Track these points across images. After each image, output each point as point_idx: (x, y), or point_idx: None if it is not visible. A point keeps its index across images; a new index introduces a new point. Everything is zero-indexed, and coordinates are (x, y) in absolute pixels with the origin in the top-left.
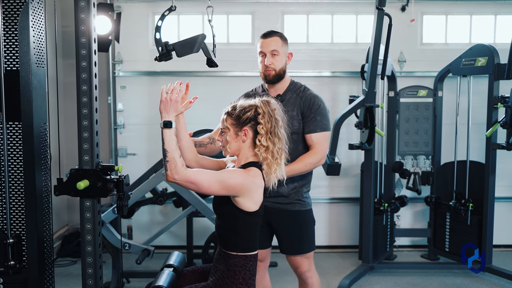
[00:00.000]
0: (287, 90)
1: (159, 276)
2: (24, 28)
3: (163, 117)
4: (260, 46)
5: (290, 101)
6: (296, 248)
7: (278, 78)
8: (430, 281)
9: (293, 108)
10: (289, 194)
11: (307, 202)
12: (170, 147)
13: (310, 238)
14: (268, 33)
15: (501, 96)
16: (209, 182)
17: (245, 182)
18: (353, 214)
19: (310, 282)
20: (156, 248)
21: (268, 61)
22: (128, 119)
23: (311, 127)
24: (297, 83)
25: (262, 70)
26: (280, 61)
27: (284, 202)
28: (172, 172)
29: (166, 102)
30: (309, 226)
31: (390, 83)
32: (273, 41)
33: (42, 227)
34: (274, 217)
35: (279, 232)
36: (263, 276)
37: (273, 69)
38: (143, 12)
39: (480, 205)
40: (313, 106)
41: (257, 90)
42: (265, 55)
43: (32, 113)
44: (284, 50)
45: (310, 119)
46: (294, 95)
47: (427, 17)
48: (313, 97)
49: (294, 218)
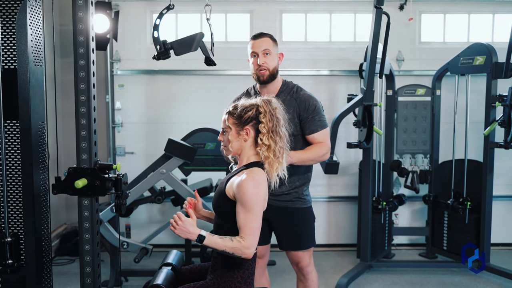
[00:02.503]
0: (280, 92)
1: (157, 274)
2: (22, 26)
3: (191, 238)
4: (251, 47)
5: (285, 103)
6: (296, 244)
7: (272, 77)
8: (428, 279)
9: (288, 110)
10: (289, 192)
11: (307, 199)
12: (221, 246)
13: (311, 234)
14: (258, 34)
15: (499, 95)
16: (258, 224)
17: (261, 194)
18: (351, 212)
19: (309, 278)
20: (154, 246)
21: (261, 61)
22: (126, 118)
23: (312, 128)
24: (289, 83)
25: (255, 70)
26: (273, 60)
27: (284, 199)
28: (245, 254)
29: (180, 228)
30: (310, 222)
31: (388, 82)
32: (264, 41)
33: (40, 225)
34: (273, 214)
35: (278, 229)
36: (262, 274)
37: (266, 68)
38: (141, 11)
39: (478, 203)
40: (309, 107)
41: (250, 92)
42: (257, 56)
43: (30, 111)
44: (275, 50)
45: (309, 120)
46: (288, 96)
47: (425, 16)
48: (307, 98)
49: (295, 216)
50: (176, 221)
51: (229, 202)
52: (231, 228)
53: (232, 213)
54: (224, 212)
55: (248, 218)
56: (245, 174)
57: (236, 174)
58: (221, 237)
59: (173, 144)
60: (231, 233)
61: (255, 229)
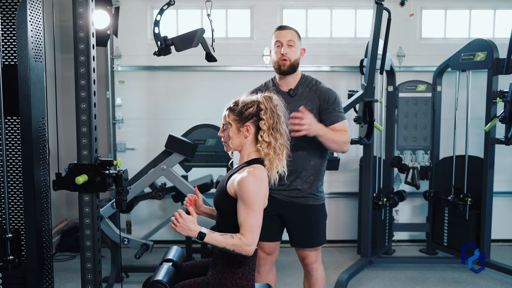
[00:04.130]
0: (298, 84)
1: (158, 270)
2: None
3: (192, 236)
4: (276, 36)
5: (303, 95)
6: (306, 242)
7: (292, 69)
8: (428, 275)
9: (307, 103)
10: (303, 187)
11: (321, 196)
12: (222, 244)
13: (321, 232)
14: (284, 26)
15: (500, 91)
16: (259, 221)
17: (262, 191)
18: (352, 208)
19: (315, 275)
20: (155, 242)
21: (285, 50)
22: (127, 114)
23: (333, 118)
24: (307, 76)
25: (277, 59)
26: (295, 52)
27: (297, 195)
28: (245, 251)
29: (181, 226)
30: (321, 220)
31: (389, 78)
32: (289, 32)
33: (41, 222)
34: (286, 210)
35: (290, 225)
36: (270, 270)
37: (288, 58)
38: (141, 7)
39: (479, 199)
40: (330, 99)
41: (268, 84)
42: (281, 45)
43: (30, 108)
44: (298, 44)
45: (329, 111)
46: (306, 89)
47: (426, 12)
48: (327, 90)
49: (307, 212)
50: (176, 219)
51: (230, 199)
52: (233, 225)
53: (233, 210)
54: (225, 209)
55: (249, 215)
56: (246, 171)
57: (237, 171)
58: (221, 234)
59: (174, 140)
60: (232, 230)
61: (256, 226)
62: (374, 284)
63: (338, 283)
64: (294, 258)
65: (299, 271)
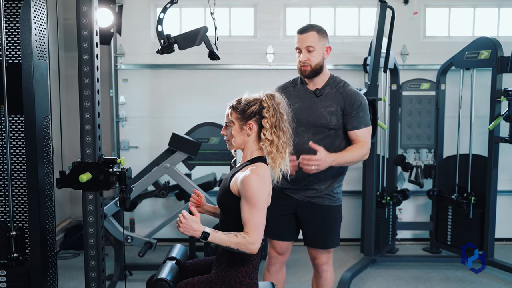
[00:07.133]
0: (325, 85)
1: (161, 268)
2: (26, 20)
3: (196, 235)
4: (296, 41)
5: (329, 96)
6: (319, 242)
7: (314, 73)
8: (431, 274)
9: (332, 104)
10: (320, 187)
11: (338, 197)
12: (226, 243)
13: (336, 235)
14: (304, 29)
15: (504, 89)
16: (263, 220)
17: (266, 189)
18: (355, 207)
19: (324, 276)
20: (158, 240)
21: (304, 57)
22: (130, 112)
23: (355, 124)
24: (336, 77)
25: (298, 65)
26: (316, 56)
27: (314, 195)
28: (249, 250)
29: (184, 226)
30: (336, 222)
31: (393, 76)
32: (309, 36)
33: (45, 219)
34: (302, 210)
35: (305, 224)
36: (279, 270)
37: (308, 65)
38: (145, 5)
39: (482, 198)
40: (355, 103)
41: (296, 81)
42: (301, 51)
43: (34, 106)
44: (321, 45)
45: (353, 115)
46: (333, 90)
47: (430, 10)
48: (354, 93)
49: (323, 213)
50: (180, 219)
51: (233, 198)
52: (236, 224)
53: (237, 208)
54: (228, 208)
55: (253, 213)
56: (249, 170)
57: (240, 169)
58: (225, 233)
59: (177, 138)
60: (236, 229)
61: (260, 225)
62: (377, 283)
63: (341, 281)
64: (298, 256)
65: (302, 270)
